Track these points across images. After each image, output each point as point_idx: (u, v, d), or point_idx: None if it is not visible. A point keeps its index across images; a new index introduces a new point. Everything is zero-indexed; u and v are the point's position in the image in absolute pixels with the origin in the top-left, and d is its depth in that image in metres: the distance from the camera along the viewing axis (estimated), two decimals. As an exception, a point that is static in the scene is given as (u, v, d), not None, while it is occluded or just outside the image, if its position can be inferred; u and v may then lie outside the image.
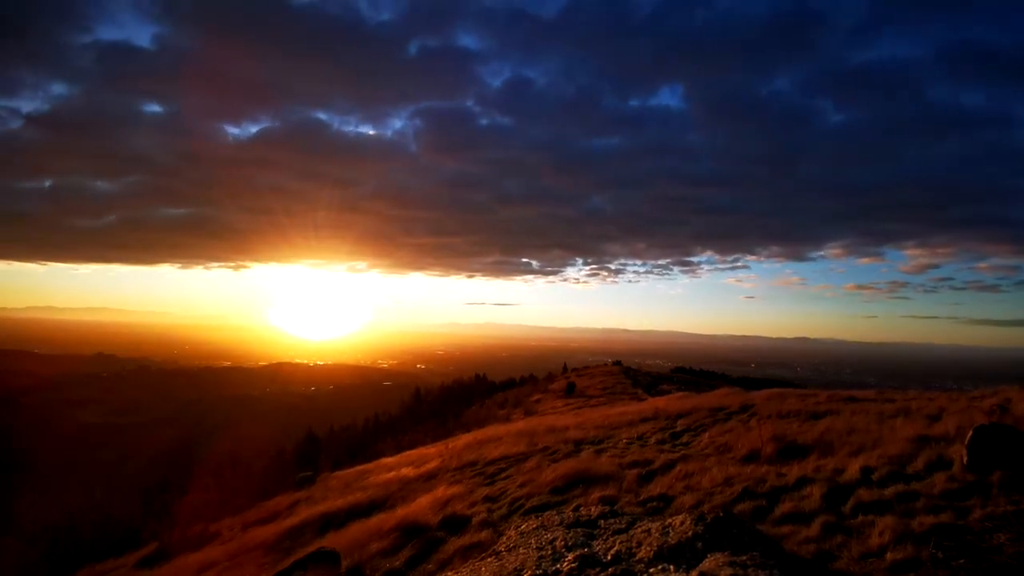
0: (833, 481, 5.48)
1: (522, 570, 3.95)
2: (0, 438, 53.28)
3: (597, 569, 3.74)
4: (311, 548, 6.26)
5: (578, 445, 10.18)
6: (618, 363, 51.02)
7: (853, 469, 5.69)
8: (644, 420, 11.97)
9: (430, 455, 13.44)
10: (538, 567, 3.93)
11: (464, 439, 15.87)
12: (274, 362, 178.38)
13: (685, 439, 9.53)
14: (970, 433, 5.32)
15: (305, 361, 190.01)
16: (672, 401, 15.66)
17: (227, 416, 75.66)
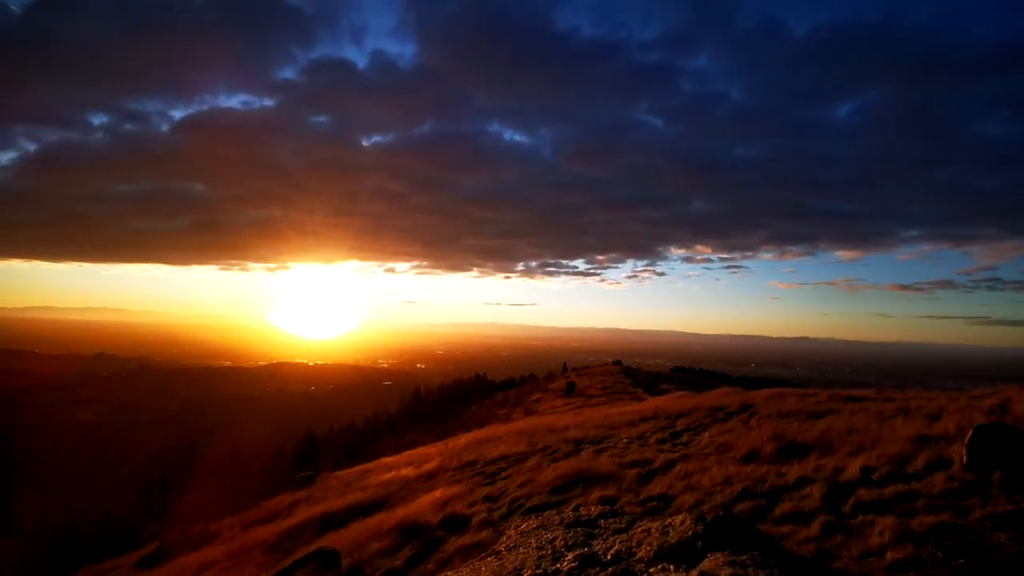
0: (833, 481, 5.49)
1: (522, 569, 3.95)
2: (0, 438, 53.28)
3: (597, 568, 3.75)
4: (311, 547, 6.27)
5: (578, 444, 10.18)
6: (618, 363, 51.06)
7: (853, 468, 5.69)
8: (644, 420, 11.97)
9: (430, 455, 13.44)
10: (538, 566, 3.94)
11: (464, 439, 15.88)
12: (274, 362, 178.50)
13: (685, 439, 9.52)
14: (970, 432, 5.32)
15: (305, 361, 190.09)
16: (672, 401, 15.67)
17: (227, 416, 75.65)
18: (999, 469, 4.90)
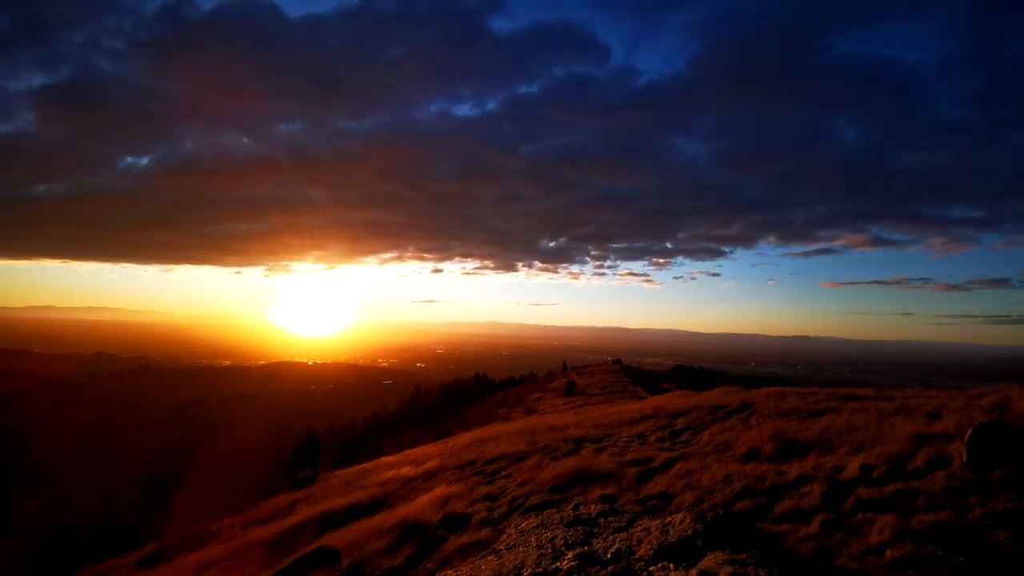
0: (833, 479, 5.49)
1: (522, 568, 3.95)
2: (0, 438, 53.29)
3: (597, 567, 3.75)
4: (312, 547, 6.27)
5: (578, 443, 10.18)
6: (618, 361, 51.07)
7: (853, 467, 5.69)
8: (644, 418, 11.97)
9: (430, 454, 13.46)
10: (538, 565, 3.94)
11: (464, 438, 15.89)
12: (274, 361, 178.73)
13: (685, 437, 9.53)
14: (970, 431, 5.32)
15: (305, 360, 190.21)
16: (672, 399, 15.68)
17: (227, 415, 75.71)
18: (999, 467, 4.90)
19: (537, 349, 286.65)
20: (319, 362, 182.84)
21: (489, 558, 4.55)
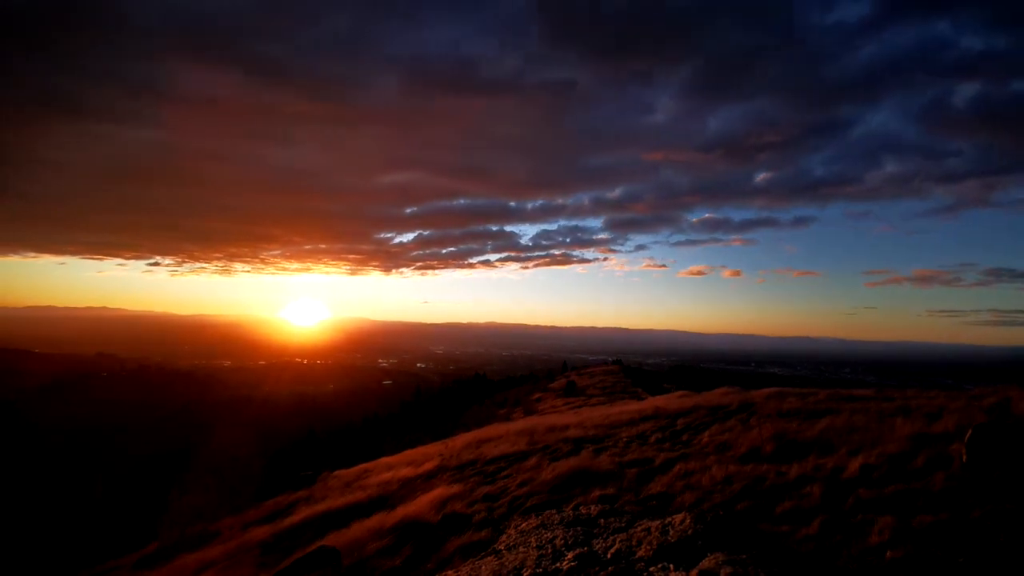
0: (833, 479, 5.49)
1: (522, 569, 3.95)
2: (0, 439, 53.31)
3: (597, 568, 3.75)
4: (312, 547, 6.27)
5: (578, 444, 10.18)
6: (618, 362, 51.08)
7: (853, 467, 5.70)
8: (644, 419, 11.96)
9: (430, 454, 13.44)
10: (538, 565, 3.94)
11: (464, 438, 15.87)
12: (274, 361, 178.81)
13: (685, 438, 9.52)
14: (970, 432, 5.33)
15: (305, 360, 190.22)
16: (672, 400, 15.67)
17: (227, 415, 75.65)
18: (999, 468, 4.91)
19: (537, 349, 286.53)
20: (319, 362, 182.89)
21: (489, 558, 4.55)
